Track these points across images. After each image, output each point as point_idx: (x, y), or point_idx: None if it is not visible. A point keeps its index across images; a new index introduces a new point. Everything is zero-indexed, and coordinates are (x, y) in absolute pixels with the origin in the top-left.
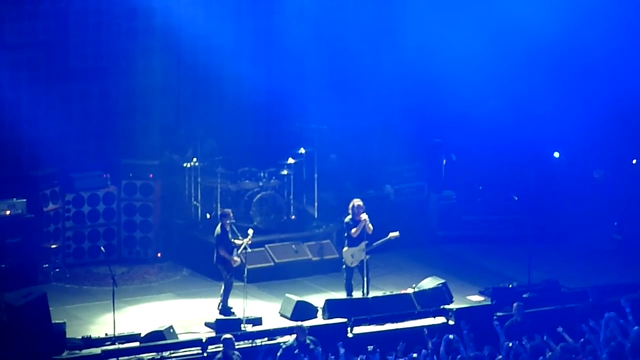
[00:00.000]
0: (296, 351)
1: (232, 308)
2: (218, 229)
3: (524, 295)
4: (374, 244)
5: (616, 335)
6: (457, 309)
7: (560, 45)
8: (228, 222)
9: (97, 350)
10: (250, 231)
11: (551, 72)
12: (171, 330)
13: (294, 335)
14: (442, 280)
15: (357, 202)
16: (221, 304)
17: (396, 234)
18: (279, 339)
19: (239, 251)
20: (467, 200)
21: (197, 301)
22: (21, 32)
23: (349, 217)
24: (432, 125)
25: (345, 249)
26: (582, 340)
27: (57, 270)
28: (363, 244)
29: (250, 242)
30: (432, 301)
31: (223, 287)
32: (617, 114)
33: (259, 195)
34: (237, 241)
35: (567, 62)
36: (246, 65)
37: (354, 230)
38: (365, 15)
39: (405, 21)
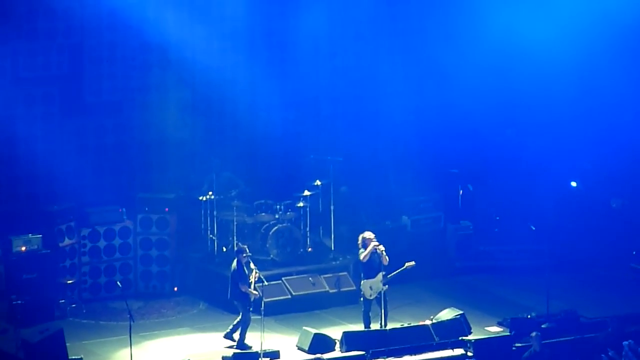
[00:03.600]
0: None
1: (250, 346)
2: (234, 264)
3: (543, 326)
4: (390, 275)
5: None
6: (476, 340)
7: (576, 75)
8: (244, 255)
9: None
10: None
11: (568, 102)
12: None
13: None
14: (460, 312)
15: (365, 234)
16: (239, 339)
17: (412, 263)
18: None
19: (252, 285)
20: (485, 231)
21: (214, 335)
22: (35, 66)
23: (361, 250)
24: (449, 156)
25: (363, 281)
26: None
27: (74, 305)
28: (380, 275)
29: (258, 275)
30: (451, 332)
31: (239, 319)
32: (635, 143)
33: (275, 228)
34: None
35: (583, 91)
36: (261, 97)
37: (363, 255)
38: (379, 45)
39: (419, 50)
